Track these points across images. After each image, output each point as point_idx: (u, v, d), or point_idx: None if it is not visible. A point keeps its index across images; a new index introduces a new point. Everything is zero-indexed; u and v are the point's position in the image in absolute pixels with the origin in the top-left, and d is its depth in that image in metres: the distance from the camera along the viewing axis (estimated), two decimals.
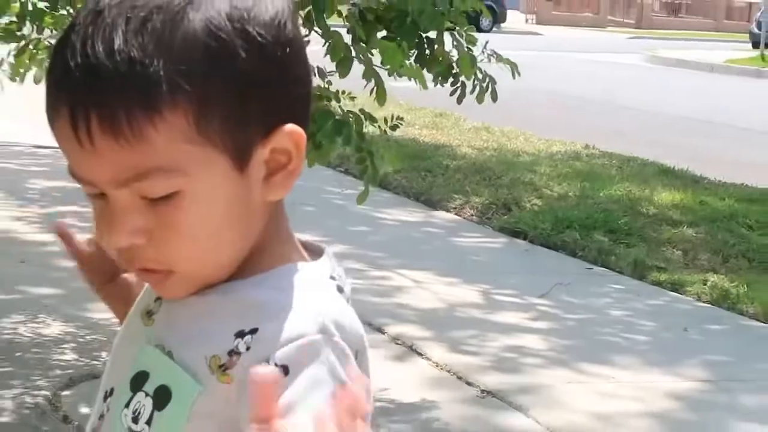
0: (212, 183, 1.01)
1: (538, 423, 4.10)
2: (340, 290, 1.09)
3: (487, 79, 4.01)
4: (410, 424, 4.03)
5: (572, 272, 6.30)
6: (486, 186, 8.18)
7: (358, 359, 1.04)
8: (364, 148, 3.63)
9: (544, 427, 4.07)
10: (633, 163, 9.51)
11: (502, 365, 4.68)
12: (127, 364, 1.09)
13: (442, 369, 4.57)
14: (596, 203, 7.67)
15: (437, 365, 4.60)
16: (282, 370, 0.98)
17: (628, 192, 8.05)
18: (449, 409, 4.17)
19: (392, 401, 4.16)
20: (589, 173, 8.83)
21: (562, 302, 5.68)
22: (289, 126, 1.03)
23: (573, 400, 4.36)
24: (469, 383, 4.43)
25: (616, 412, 4.28)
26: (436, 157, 9.12)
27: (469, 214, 7.57)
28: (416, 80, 3.75)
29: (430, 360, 4.66)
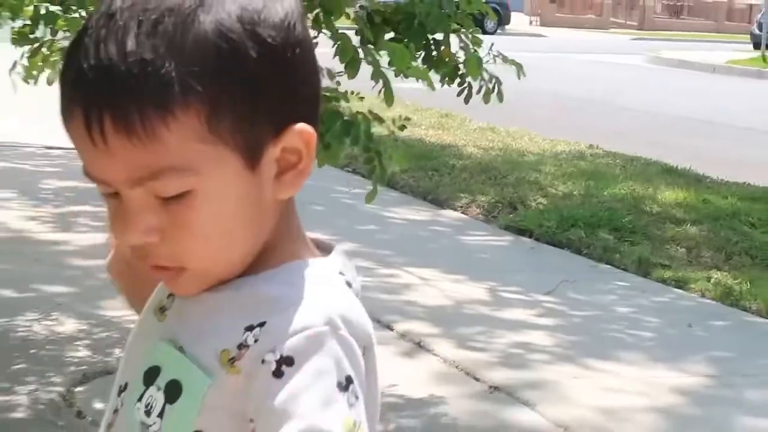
0: (224, 181, 1.02)
1: (545, 418, 4.13)
2: (349, 286, 1.10)
3: (494, 80, 4.04)
4: (419, 419, 4.06)
5: (578, 270, 6.32)
6: (492, 185, 8.20)
7: (365, 356, 1.05)
8: (372, 148, 3.65)
9: (550, 422, 4.10)
10: (636, 162, 9.51)
11: (509, 361, 4.71)
12: (141, 359, 1.10)
13: (450, 365, 4.59)
14: (601, 202, 7.68)
15: (445, 361, 4.63)
16: (287, 361, 1.00)
17: (632, 191, 8.06)
18: (457, 404, 4.21)
19: (401, 397, 4.19)
20: (593, 172, 8.84)
21: (568, 299, 5.70)
22: (300, 125, 1.05)
23: (579, 395, 4.39)
24: (476, 379, 4.46)
25: (621, 407, 4.31)
26: (443, 157, 9.15)
27: (475, 213, 7.60)
28: (424, 81, 3.76)
29: (438, 356, 4.69)
